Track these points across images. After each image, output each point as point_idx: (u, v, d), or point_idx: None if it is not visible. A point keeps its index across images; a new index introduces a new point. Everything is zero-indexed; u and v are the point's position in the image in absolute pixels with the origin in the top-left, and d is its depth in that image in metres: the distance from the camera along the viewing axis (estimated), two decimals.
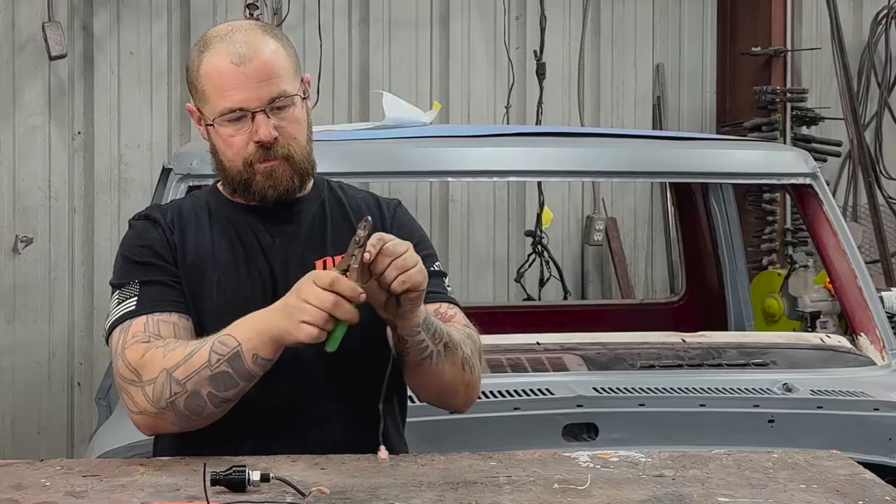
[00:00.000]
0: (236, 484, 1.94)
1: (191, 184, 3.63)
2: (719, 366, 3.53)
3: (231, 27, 2.34)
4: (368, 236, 2.09)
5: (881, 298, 3.96)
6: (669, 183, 5.40)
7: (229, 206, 2.39)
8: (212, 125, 2.30)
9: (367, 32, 6.58)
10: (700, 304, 5.09)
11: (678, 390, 3.33)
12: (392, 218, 2.46)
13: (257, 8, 6.00)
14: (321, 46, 6.35)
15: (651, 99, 7.02)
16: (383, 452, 2.17)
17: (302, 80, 2.35)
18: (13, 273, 6.13)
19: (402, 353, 2.24)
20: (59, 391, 6.19)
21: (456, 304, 2.42)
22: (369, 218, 2.10)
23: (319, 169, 2.45)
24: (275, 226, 2.36)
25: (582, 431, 3.29)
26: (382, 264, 2.09)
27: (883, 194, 6.96)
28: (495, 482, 2.01)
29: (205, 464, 1.96)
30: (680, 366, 3.50)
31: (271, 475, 1.96)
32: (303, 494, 1.91)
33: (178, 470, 2.08)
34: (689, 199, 5.11)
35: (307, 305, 2.04)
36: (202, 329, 2.26)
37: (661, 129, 6.88)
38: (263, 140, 2.27)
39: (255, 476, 1.94)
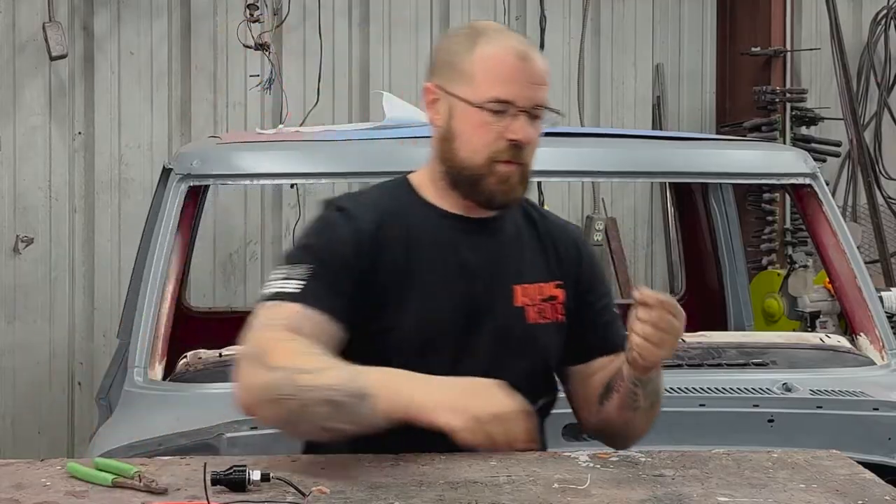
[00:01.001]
0: (236, 484, 1.94)
1: (191, 184, 3.62)
2: (719, 366, 3.52)
3: (508, 28, 2.34)
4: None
5: (881, 298, 3.96)
6: (669, 183, 5.40)
7: (430, 212, 2.32)
8: (477, 107, 2.22)
9: (367, 32, 6.58)
10: (700, 304, 5.09)
11: (678, 390, 3.33)
12: (589, 255, 2.46)
13: (257, 8, 5.99)
14: (321, 46, 6.35)
15: (651, 99, 7.02)
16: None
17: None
18: (13, 273, 6.13)
19: (612, 388, 2.26)
20: (59, 391, 6.19)
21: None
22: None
23: (320, 168, 2.46)
24: (476, 240, 2.30)
25: (582, 431, 3.29)
26: (645, 316, 2.09)
27: (882, 194, 6.96)
28: (495, 482, 2.01)
29: (205, 464, 1.96)
30: (680, 366, 3.50)
31: (271, 475, 1.96)
32: (303, 494, 1.91)
33: (178, 470, 2.08)
34: (688, 199, 5.11)
35: (486, 426, 1.97)
36: (388, 341, 2.20)
37: (660, 129, 6.88)
38: (521, 140, 2.22)
39: (256, 476, 1.95)
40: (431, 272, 2.25)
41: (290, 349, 2.09)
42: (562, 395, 2.47)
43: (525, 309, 2.31)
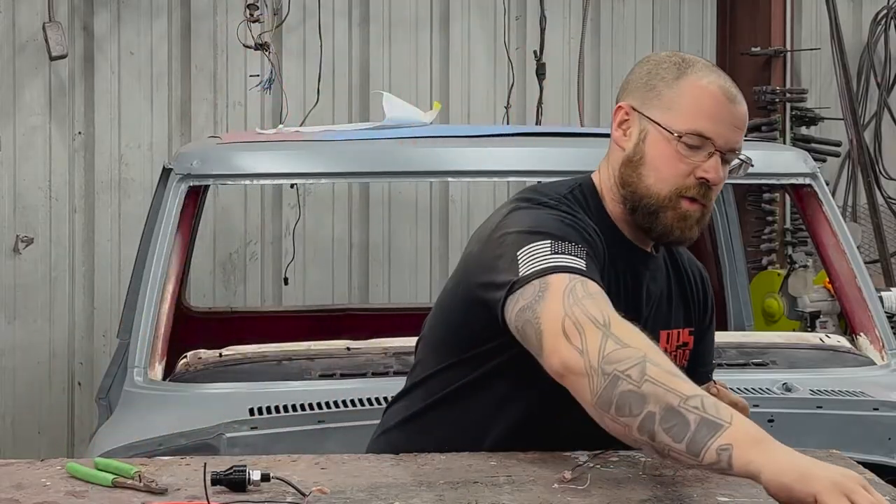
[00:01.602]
0: (236, 484, 1.94)
1: (191, 184, 3.63)
2: (719, 366, 3.52)
3: (716, 67, 2.30)
4: None
5: (881, 298, 3.96)
6: None
7: (620, 238, 2.24)
8: (676, 135, 2.16)
9: (367, 32, 6.58)
10: None
11: None
12: (713, 296, 2.44)
13: (257, 8, 6.00)
14: (321, 46, 6.35)
15: None
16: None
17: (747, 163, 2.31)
18: (13, 273, 6.13)
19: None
20: (59, 391, 6.20)
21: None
22: None
23: (320, 168, 2.45)
24: (649, 275, 2.27)
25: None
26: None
27: (882, 194, 6.96)
28: (495, 482, 2.01)
29: (205, 464, 1.96)
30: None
31: (271, 475, 1.96)
32: (303, 494, 1.91)
33: (178, 470, 2.08)
34: None
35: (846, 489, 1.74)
36: None
37: None
38: (712, 180, 2.18)
39: (256, 476, 1.95)
40: (623, 295, 2.19)
41: (636, 333, 1.94)
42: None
43: (667, 354, 2.20)
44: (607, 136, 2.33)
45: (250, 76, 6.21)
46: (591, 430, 2.00)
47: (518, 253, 2.05)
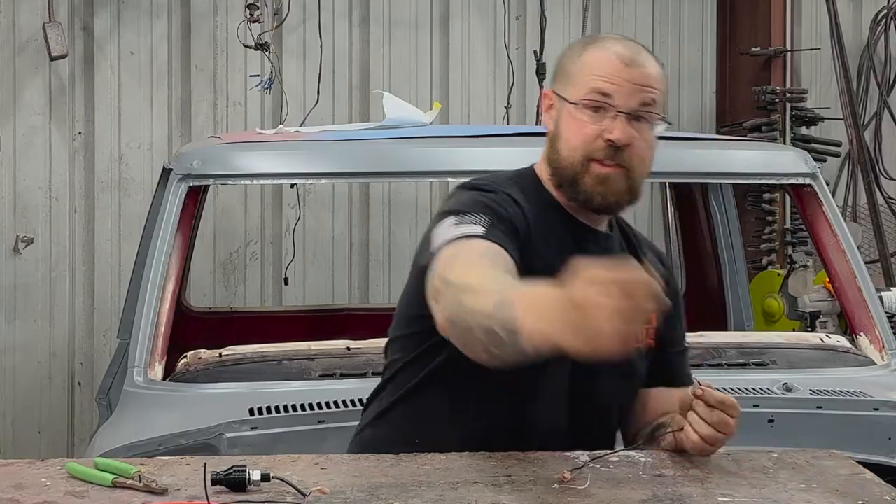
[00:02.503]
0: (236, 484, 1.94)
1: (191, 184, 3.63)
2: (719, 366, 3.53)
3: (619, 38, 2.36)
4: None
5: (881, 298, 3.96)
6: (669, 183, 5.40)
7: (566, 217, 2.31)
8: (572, 104, 2.25)
9: (367, 32, 6.58)
10: (700, 304, 5.09)
11: None
12: (674, 284, 2.47)
13: (257, 8, 6.00)
14: (321, 46, 6.35)
15: None
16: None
17: (665, 122, 2.34)
18: (13, 273, 6.13)
19: (655, 439, 2.26)
20: (59, 391, 6.19)
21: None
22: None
23: (320, 168, 2.45)
24: (603, 254, 2.29)
25: None
26: (715, 402, 2.09)
27: (882, 194, 6.96)
28: (495, 482, 2.01)
29: (205, 464, 1.96)
30: None
31: (271, 475, 1.96)
32: (303, 494, 1.91)
33: (178, 470, 2.08)
34: (689, 199, 5.11)
35: (610, 308, 1.69)
36: None
37: None
38: (618, 140, 2.22)
39: (256, 476, 1.95)
40: (552, 267, 2.19)
41: (475, 269, 1.99)
42: None
43: None
44: None
45: (250, 76, 6.21)
46: (557, 421, 2.17)
47: (431, 234, 2.16)
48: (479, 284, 1.93)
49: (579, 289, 1.71)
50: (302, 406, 3.15)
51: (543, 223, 2.26)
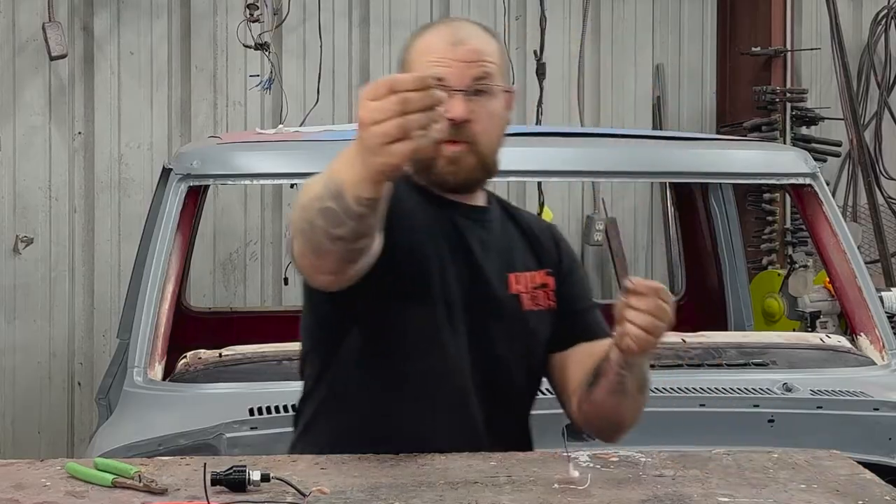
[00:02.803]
0: (236, 484, 1.94)
1: (191, 184, 3.62)
2: (719, 366, 3.53)
3: (452, 18, 2.41)
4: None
5: (881, 298, 3.96)
6: (669, 183, 5.41)
7: (419, 191, 2.33)
8: None
9: (367, 32, 6.59)
10: (700, 304, 5.09)
11: (678, 390, 3.33)
12: (566, 245, 2.49)
13: (257, 8, 6.00)
14: (321, 46, 6.35)
15: (651, 99, 7.03)
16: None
17: (508, 91, 2.35)
18: (13, 273, 6.13)
19: (601, 373, 2.26)
20: (59, 391, 6.20)
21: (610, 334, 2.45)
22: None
23: (320, 168, 2.44)
24: (471, 227, 2.34)
25: (582, 431, 3.29)
26: (640, 304, 2.10)
27: (883, 194, 6.96)
28: (495, 482, 2.01)
29: (205, 464, 1.96)
30: (680, 366, 3.50)
31: (271, 475, 1.96)
32: (303, 494, 1.91)
33: (178, 470, 2.08)
34: (689, 199, 5.11)
35: (375, 127, 1.78)
36: (400, 314, 2.22)
37: (661, 129, 6.88)
38: (456, 117, 2.22)
39: (256, 476, 1.95)
40: (436, 249, 2.27)
41: (304, 189, 2.02)
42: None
43: (520, 296, 2.35)
44: (607, 135, 2.35)
45: (250, 76, 6.21)
46: (459, 423, 2.23)
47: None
48: (309, 185, 1.98)
49: (360, 109, 1.80)
50: None
51: (411, 205, 2.28)
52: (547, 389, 2.47)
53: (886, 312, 3.94)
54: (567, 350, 2.40)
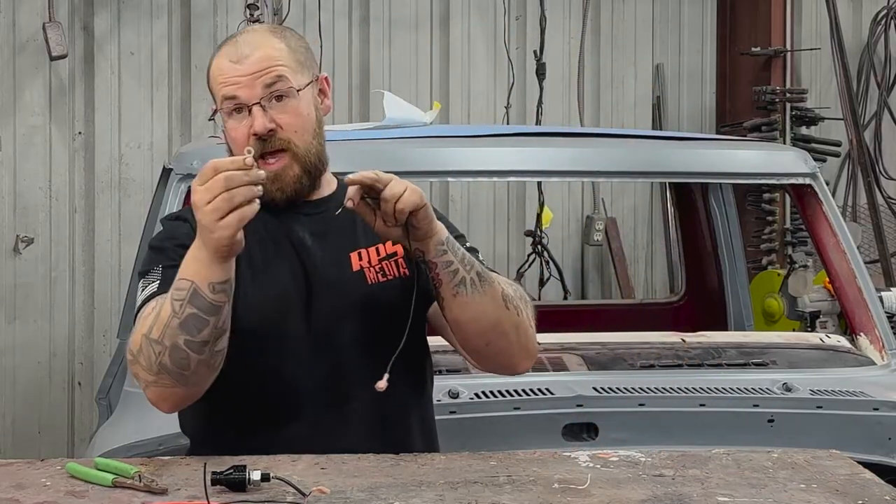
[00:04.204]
0: (236, 484, 1.94)
1: (191, 184, 3.62)
2: (719, 366, 3.53)
3: (241, 31, 2.42)
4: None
5: (881, 298, 3.96)
6: (669, 183, 5.41)
7: (270, 209, 2.36)
8: (217, 112, 2.34)
9: (367, 32, 6.59)
10: (700, 305, 5.09)
11: (678, 390, 3.33)
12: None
13: (257, 8, 6.00)
14: (321, 46, 6.35)
15: (651, 99, 7.03)
16: (383, 382, 2.15)
17: (316, 80, 2.38)
18: (14, 273, 6.13)
19: (437, 284, 2.22)
20: (59, 391, 6.20)
21: (494, 271, 2.39)
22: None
23: None
24: (303, 220, 2.37)
25: (582, 431, 3.29)
26: (385, 202, 2.11)
27: (882, 194, 6.96)
28: (495, 482, 2.01)
29: (205, 464, 1.97)
30: (680, 366, 3.50)
31: (271, 475, 1.96)
32: (303, 494, 1.91)
33: (178, 470, 2.08)
34: (689, 199, 5.11)
35: (206, 206, 2.04)
36: (240, 321, 2.24)
37: (660, 129, 6.88)
38: (257, 131, 2.27)
39: (256, 476, 1.95)
40: (263, 251, 2.32)
41: (137, 331, 2.18)
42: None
43: (363, 272, 2.35)
44: (607, 136, 2.35)
45: None
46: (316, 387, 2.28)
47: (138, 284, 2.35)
48: (146, 319, 2.15)
49: (192, 195, 2.05)
50: None
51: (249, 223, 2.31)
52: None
53: (886, 312, 3.94)
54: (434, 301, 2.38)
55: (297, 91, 2.31)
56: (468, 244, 2.39)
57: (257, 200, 2.04)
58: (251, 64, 2.29)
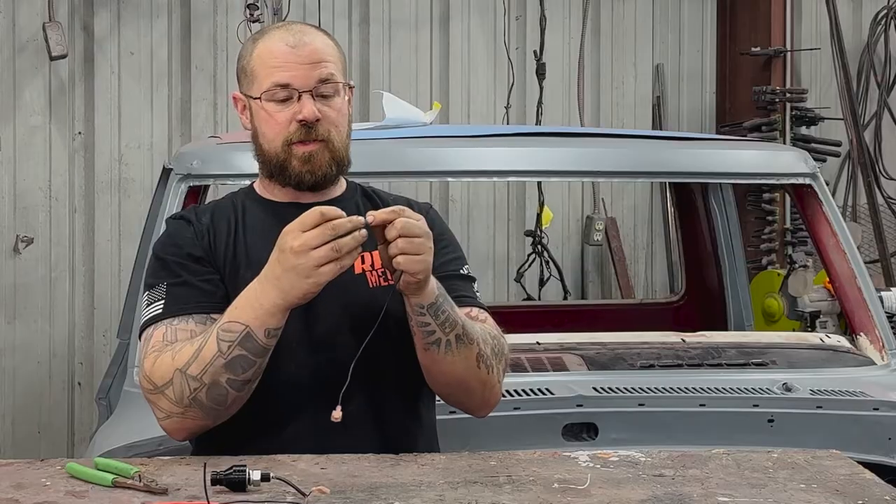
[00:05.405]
0: (236, 484, 1.94)
1: (191, 184, 3.62)
2: (719, 366, 3.52)
3: (289, 22, 2.46)
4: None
5: (881, 298, 3.96)
6: (669, 183, 5.40)
7: (264, 205, 2.45)
8: (259, 99, 2.38)
9: (367, 32, 6.59)
10: (700, 304, 5.09)
11: (678, 390, 3.33)
12: (438, 220, 2.51)
13: (257, 8, 6.00)
14: None
15: (651, 99, 7.03)
16: (337, 412, 2.16)
17: (349, 86, 2.44)
18: (13, 273, 6.13)
19: (412, 332, 2.26)
20: (59, 391, 6.20)
21: (484, 309, 2.44)
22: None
23: None
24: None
25: (582, 431, 3.29)
26: (391, 235, 2.13)
27: (882, 194, 6.96)
28: (495, 482, 2.02)
29: (205, 464, 1.97)
30: (680, 366, 3.50)
31: (271, 475, 1.96)
32: (303, 494, 1.91)
33: (178, 470, 2.08)
34: (689, 199, 5.11)
35: (313, 252, 2.08)
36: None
37: (661, 129, 6.88)
38: (307, 119, 2.33)
39: (256, 476, 1.95)
40: (266, 251, 2.30)
41: (164, 362, 2.22)
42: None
43: (365, 275, 2.37)
44: (607, 136, 2.35)
45: None
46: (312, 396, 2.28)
47: (141, 299, 2.40)
48: (181, 356, 2.19)
49: (292, 240, 2.09)
50: None
51: (252, 222, 2.41)
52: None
53: (886, 312, 3.94)
54: None
55: (343, 89, 2.38)
56: (466, 270, 2.43)
57: (357, 250, 2.11)
58: (309, 53, 2.36)
